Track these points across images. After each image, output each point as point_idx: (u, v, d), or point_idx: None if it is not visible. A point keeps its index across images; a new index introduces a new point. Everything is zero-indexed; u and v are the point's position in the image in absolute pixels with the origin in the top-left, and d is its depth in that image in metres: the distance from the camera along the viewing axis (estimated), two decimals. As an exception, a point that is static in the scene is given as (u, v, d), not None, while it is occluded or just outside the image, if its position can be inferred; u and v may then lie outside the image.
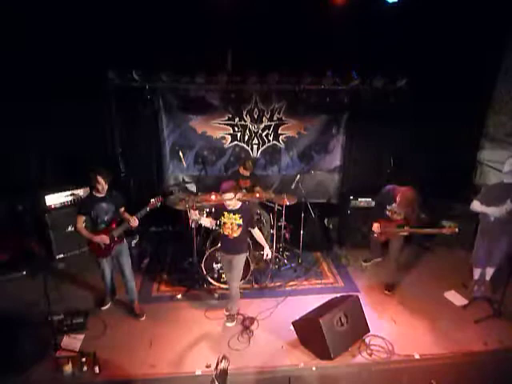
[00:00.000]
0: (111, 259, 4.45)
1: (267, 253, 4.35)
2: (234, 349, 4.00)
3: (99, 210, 4.22)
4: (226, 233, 4.21)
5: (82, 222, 4.23)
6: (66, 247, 5.62)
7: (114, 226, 4.29)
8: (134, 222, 4.25)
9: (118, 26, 5.17)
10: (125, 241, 4.48)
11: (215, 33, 5.35)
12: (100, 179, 4.13)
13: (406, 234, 4.80)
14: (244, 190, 5.80)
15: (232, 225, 4.14)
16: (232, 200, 4.03)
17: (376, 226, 5.01)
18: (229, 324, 4.35)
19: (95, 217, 4.22)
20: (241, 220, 4.11)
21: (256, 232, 4.30)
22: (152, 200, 4.32)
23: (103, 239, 4.21)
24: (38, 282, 4.16)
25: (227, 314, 4.46)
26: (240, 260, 4.31)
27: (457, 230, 4.48)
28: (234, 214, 4.12)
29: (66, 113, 5.80)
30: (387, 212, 4.94)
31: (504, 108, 6.23)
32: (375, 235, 5.08)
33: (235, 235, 4.17)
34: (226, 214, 4.14)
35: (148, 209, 4.30)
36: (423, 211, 4.78)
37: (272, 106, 6.49)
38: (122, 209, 4.39)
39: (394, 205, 4.85)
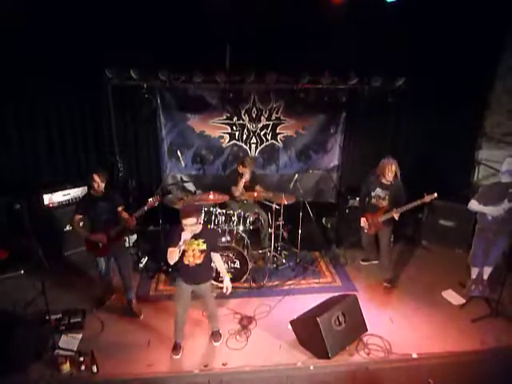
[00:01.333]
0: (109, 258, 4.45)
1: (227, 285, 3.82)
2: (232, 348, 4.00)
3: (97, 209, 4.22)
4: (185, 262, 3.61)
5: (79, 221, 4.23)
6: (63, 246, 5.61)
7: (111, 225, 4.29)
8: (132, 221, 4.26)
9: (116, 24, 5.17)
10: (122, 240, 4.47)
11: (213, 32, 5.35)
12: (96, 178, 4.13)
13: (396, 215, 4.73)
14: (243, 189, 5.81)
15: (194, 251, 3.59)
16: (195, 225, 3.49)
17: (363, 221, 5.08)
18: (216, 344, 4.04)
19: (93, 216, 4.22)
20: (204, 245, 3.59)
21: (217, 258, 3.86)
22: (150, 199, 4.32)
23: (101, 238, 4.21)
24: (36, 281, 4.17)
25: (212, 331, 4.13)
26: (208, 288, 3.92)
27: (435, 194, 4.54)
28: (196, 239, 3.58)
29: (64, 112, 5.80)
30: (373, 201, 5.00)
31: (501, 108, 6.25)
32: (365, 230, 5.13)
33: (198, 262, 3.62)
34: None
35: (146, 208, 4.31)
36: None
37: (270, 105, 6.49)
38: (120, 208, 4.39)
39: (377, 189, 4.93)
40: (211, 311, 4.07)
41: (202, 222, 3.77)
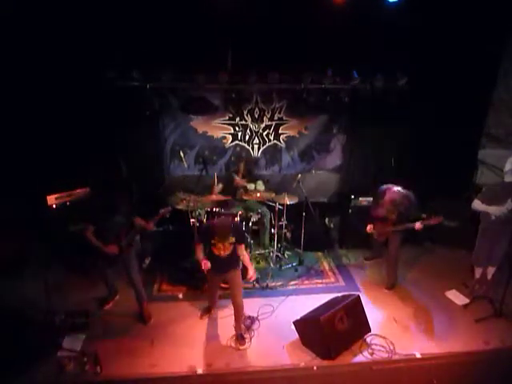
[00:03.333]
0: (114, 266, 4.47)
1: (251, 273, 4.12)
2: (236, 348, 4.01)
3: (112, 222, 4.21)
4: (216, 253, 3.94)
5: (92, 231, 4.18)
6: (66, 246, 5.62)
7: (122, 235, 4.27)
8: (151, 225, 4.40)
9: (119, 25, 5.16)
10: (132, 248, 4.43)
11: (216, 32, 5.35)
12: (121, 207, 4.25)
13: (402, 229, 4.79)
14: (242, 190, 5.83)
15: (224, 245, 3.90)
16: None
17: (369, 228, 5.08)
18: (242, 347, 4.01)
19: (106, 226, 4.20)
20: (233, 238, 3.90)
21: (241, 248, 4.06)
22: (161, 210, 4.40)
23: (113, 250, 4.19)
24: (40, 282, 4.19)
25: (236, 334, 4.13)
26: (237, 275, 4.13)
27: (441, 219, 4.62)
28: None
29: (66, 113, 5.79)
30: (384, 211, 4.96)
31: (504, 107, 6.22)
32: (375, 237, 5.13)
33: (227, 253, 3.93)
34: (217, 237, 3.86)
35: (158, 218, 4.35)
36: (421, 211, 4.81)
37: (273, 105, 6.48)
38: (133, 217, 4.40)
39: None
40: (236, 307, 4.09)
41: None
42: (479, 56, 5.82)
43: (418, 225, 4.65)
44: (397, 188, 4.78)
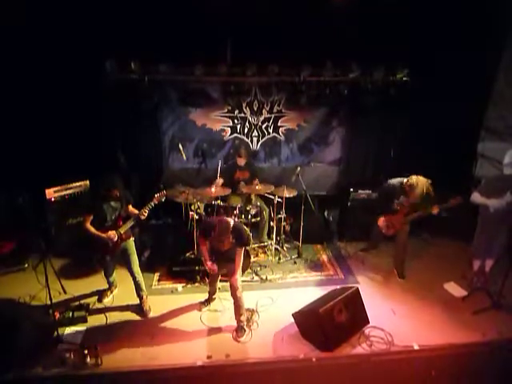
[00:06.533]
0: (113, 257, 4.45)
1: (235, 278, 4.06)
2: (235, 340, 4.03)
3: (107, 208, 4.21)
4: (216, 247, 4.03)
5: (89, 221, 4.17)
6: (66, 240, 5.63)
7: (120, 223, 4.28)
8: (144, 215, 4.28)
9: (117, 17, 5.13)
10: (131, 237, 4.45)
11: (215, 24, 5.31)
12: (116, 192, 4.16)
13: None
14: (243, 183, 5.82)
15: (224, 243, 3.93)
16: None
17: (381, 221, 5.03)
18: (241, 339, 4.02)
19: (103, 215, 4.20)
20: (233, 240, 3.91)
21: (239, 252, 4.05)
22: (156, 195, 4.33)
23: (111, 237, 4.18)
24: (40, 275, 4.20)
25: (238, 325, 4.13)
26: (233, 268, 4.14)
27: (460, 199, 4.57)
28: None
29: (64, 106, 5.76)
30: (395, 206, 4.94)
31: (504, 100, 6.19)
32: (383, 230, 5.08)
33: (227, 248, 3.95)
34: (217, 236, 3.92)
35: (153, 203, 4.31)
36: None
37: (272, 98, 6.46)
38: (130, 206, 4.39)
39: (402, 198, 4.84)
40: (234, 299, 4.09)
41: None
42: (480, 49, 5.79)
43: (435, 209, 4.65)
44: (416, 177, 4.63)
